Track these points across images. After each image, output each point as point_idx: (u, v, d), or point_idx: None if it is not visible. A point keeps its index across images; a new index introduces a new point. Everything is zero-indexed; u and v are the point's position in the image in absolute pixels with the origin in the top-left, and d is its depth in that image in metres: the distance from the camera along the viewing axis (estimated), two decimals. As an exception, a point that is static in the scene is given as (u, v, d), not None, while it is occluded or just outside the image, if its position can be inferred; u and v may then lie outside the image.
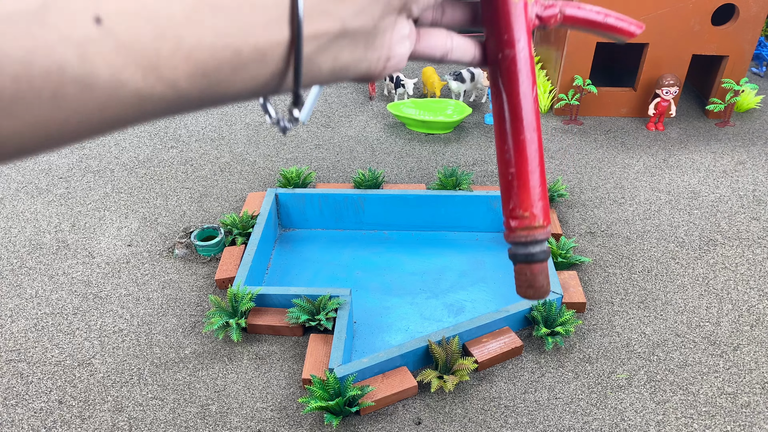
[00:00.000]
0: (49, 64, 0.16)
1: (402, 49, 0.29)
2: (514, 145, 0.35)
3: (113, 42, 0.17)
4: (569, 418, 0.97)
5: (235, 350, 1.09)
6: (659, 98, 1.79)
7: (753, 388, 1.01)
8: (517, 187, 0.35)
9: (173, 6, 0.18)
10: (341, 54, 0.25)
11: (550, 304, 1.10)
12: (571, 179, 1.59)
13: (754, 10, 1.69)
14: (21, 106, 0.16)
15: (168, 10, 0.18)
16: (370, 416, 0.97)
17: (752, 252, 1.32)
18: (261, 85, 0.23)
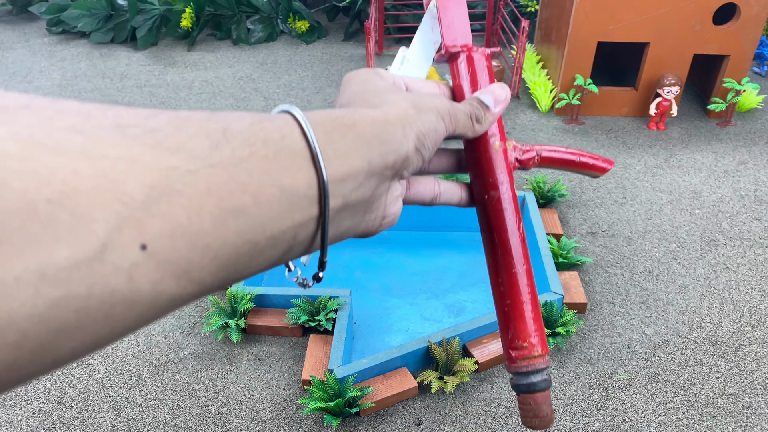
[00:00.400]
0: (104, 294, 0.18)
1: (395, 208, 0.32)
2: (507, 278, 0.37)
3: (154, 261, 0.19)
4: (570, 419, 0.96)
5: (234, 351, 1.09)
6: (660, 98, 1.78)
7: (754, 389, 1.01)
8: (514, 318, 0.37)
9: (205, 218, 0.21)
10: (343, 222, 0.28)
11: (551, 304, 1.09)
12: (572, 179, 1.58)
13: (756, 10, 1.68)
14: (80, 332, 0.18)
15: (200, 224, 0.21)
16: (370, 417, 0.97)
17: (754, 252, 1.32)
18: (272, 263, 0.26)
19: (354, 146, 0.27)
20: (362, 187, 0.28)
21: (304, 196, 0.25)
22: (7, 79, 2.23)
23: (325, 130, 0.26)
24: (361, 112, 0.29)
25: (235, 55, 2.44)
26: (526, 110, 1.96)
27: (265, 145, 0.24)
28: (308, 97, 2.06)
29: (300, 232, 0.26)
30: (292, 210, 0.25)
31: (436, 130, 0.32)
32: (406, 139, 0.29)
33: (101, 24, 2.56)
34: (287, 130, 0.25)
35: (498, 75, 1.83)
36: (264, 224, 0.23)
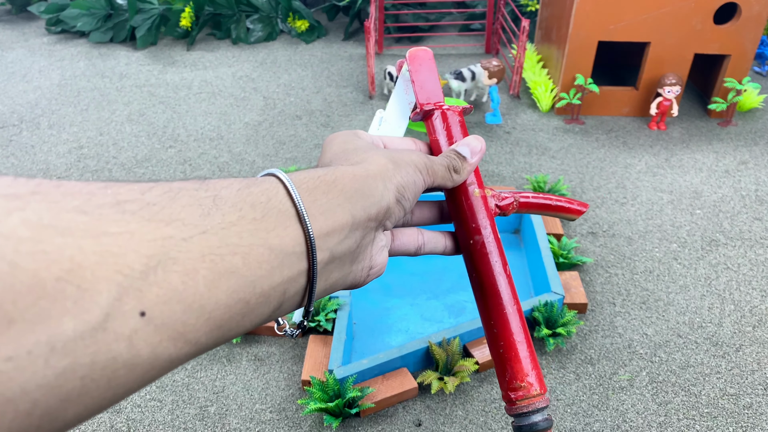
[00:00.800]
0: (107, 360, 0.19)
1: (381, 258, 0.34)
2: (498, 320, 0.38)
3: (153, 326, 0.21)
4: (570, 419, 0.96)
5: (233, 351, 1.08)
6: (661, 97, 1.78)
7: (755, 390, 1.01)
8: (510, 359, 0.37)
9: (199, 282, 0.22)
10: (331, 275, 0.30)
11: (551, 304, 1.09)
12: (572, 179, 1.58)
13: (756, 9, 1.68)
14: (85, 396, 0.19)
15: (195, 288, 0.22)
16: (370, 418, 0.96)
17: (754, 252, 1.32)
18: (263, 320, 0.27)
19: (337, 201, 0.29)
20: (348, 240, 0.30)
21: (292, 252, 0.26)
22: (6, 79, 2.23)
23: (308, 189, 0.28)
24: (341, 169, 0.31)
25: (235, 55, 2.43)
26: (527, 110, 1.95)
27: (253, 209, 0.26)
28: (308, 97, 2.06)
29: (290, 288, 0.27)
30: (282, 267, 0.26)
31: (414, 182, 0.34)
32: (387, 192, 0.31)
33: (100, 23, 2.55)
34: (273, 193, 0.27)
35: (498, 74, 1.82)
36: (254, 282, 0.25)
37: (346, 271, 0.31)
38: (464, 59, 2.39)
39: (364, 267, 0.33)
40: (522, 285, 1.26)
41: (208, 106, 1.99)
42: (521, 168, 1.62)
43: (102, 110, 1.98)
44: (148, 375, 0.21)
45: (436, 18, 2.68)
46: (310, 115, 1.94)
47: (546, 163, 1.65)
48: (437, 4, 2.67)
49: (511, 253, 1.34)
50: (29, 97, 2.08)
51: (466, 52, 2.47)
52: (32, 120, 1.92)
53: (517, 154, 1.69)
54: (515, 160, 1.67)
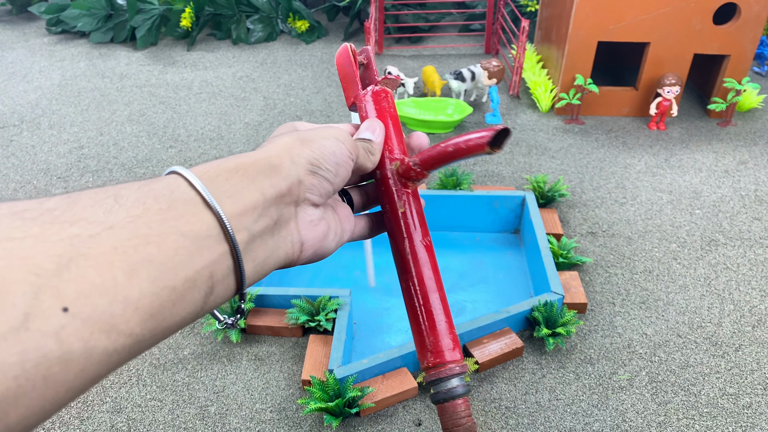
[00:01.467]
0: (38, 357, 0.20)
1: (314, 233, 0.35)
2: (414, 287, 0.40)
3: (79, 320, 0.21)
4: (570, 419, 0.96)
5: (234, 351, 1.09)
6: (661, 98, 1.78)
7: (755, 389, 1.01)
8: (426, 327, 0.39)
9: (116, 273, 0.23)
10: (258, 253, 0.31)
11: (551, 304, 1.09)
12: (572, 179, 1.58)
13: (756, 10, 1.68)
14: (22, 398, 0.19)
15: (113, 280, 0.23)
16: (370, 417, 0.97)
17: (754, 252, 1.32)
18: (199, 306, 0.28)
19: (242, 184, 0.30)
20: (264, 217, 0.31)
21: (207, 236, 0.27)
22: (6, 79, 2.23)
23: (210, 178, 0.29)
24: (240, 156, 0.32)
25: (235, 55, 2.43)
26: (527, 110, 1.96)
27: (157, 201, 0.26)
28: (308, 97, 2.06)
29: (216, 270, 0.28)
30: (200, 250, 0.27)
31: (334, 153, 0.35)
32: (295, 166, 0.33)
33: (101, 24, 2.55)
34: (174, 185, 0.28)
35: (498, 75, 1.82)
36: (175, 268, 0.26)
37: (272, 246, 0.32)
38: (464, 59, 2.39)
39: (293, 242, 0.33)
40: (522, 285, 1.26)
41: (209, 107, 2.00)
42: (521, 168, 1.63)
43: (102, 110, 1.98)
44: (87, 371, 0.22)
45: (436, 18, 2.68)
46: (311, 115, 1.94)
47: (546, 163, 1.65)
48: (437, 5, 2.67)
49: (511, 253, 1.34)
50: (30, 97, 2.08)
51: (465, 52, 2.48)
52: (33, 120, 1.93)
53: (516, 154, 1.70)
54: (515, 160, 1.67)
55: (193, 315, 0.27)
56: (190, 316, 0.27)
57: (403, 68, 2.29)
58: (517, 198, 1.36)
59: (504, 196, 1.36)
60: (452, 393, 0.36)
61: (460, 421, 0.36)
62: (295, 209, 0.33)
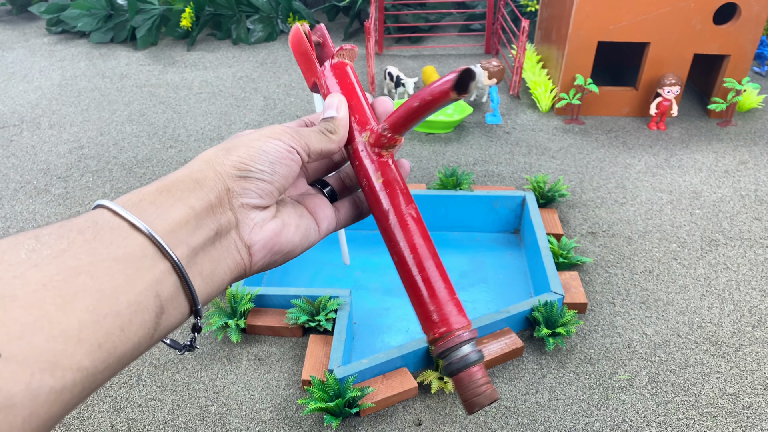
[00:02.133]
0: None
1: (263, 234, 0.33)
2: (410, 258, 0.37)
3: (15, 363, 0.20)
4: (570, 419, 0.96)
5: (234, 351, 1.09)
6: (661, 98, 1.78)
7: (755, 389, 1.01)
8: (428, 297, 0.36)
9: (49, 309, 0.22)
10: (204, 266, 0.30)
11: (551, 304, 1.09)
12: (572, 179, 1.58)
13: (756, 10, 1.68)
14: None
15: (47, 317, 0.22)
16: (370, 417, 0.97)
17: (754, 252, 1.32)
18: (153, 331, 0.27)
19: (167, 203, 0.30)
20: (200, 229, 0.30)
21: (142, 256, 0.27)
22: (7, 79, 2.23)
23: (133, 204, 0.29)
24: (162, 179, 0.32)
25: (235, 55, 2.43)
26: (527, 110, 1.96)
27: (81, 233, 0.26)
28: (308, 97, 2.06)
29: (162, 289, 0.27)
30: (139, 272, 0.26)
31: (265, 151, 0.34)
32: (220, 176, 0.32)
33: (101, 24, 2.55)
34: (98, 217, 0.27)
35: (498, 75, 1.82)
36: (114, 294, 0.25)
37: (216, 257, 0.31)
38: (464, 59, 2.39)
39: (238, 248, 0.32)
40: (522, 285, 1.26)
41: (209, 106, 2.00)
42: (521, 168, 1.63)
43: (102, 110, 1.98)
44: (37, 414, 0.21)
45: (436, 18, 2.68)
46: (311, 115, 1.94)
47: (546, 163, 1.65)
48: (437, 5, 2.67)
49: (511, 253, 1.34)
50: (30, 97, 2.08)
51: (465, 52, 2.48)
52: (33, 120, 1.93)
53: (516, 154, 1.70)
54: (515, 160, 1.67)
55: (147, 339, 0.26)
56: (144, 340, 0.26)
57: (403, 68, 2.29)
58: (517, 198, 1.36)
59: (504, 196, 1.36)
60: (466, 361, 0.33)
61: (479, 390, 0.33)
62: (234, 217, 0.32)
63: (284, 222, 0.35)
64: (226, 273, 0.32)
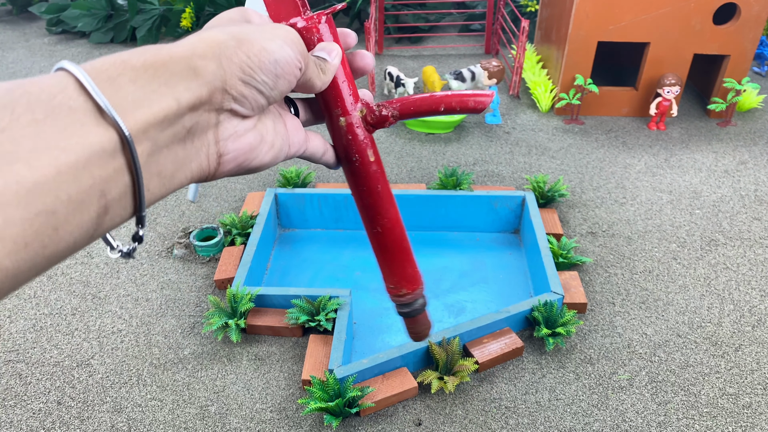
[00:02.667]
0: None
1: (239, 144, 0.30)
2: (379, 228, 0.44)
3: None
4: (570, 419, 0.96)
5: (234, 351, 1.09)
6: (661, 98, 1.78)
7: (755, 389, 1.01)
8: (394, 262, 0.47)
9: None
10: (163, 167, 0.26)
11: (550, 304, 1.09)
12: (572, 179, 1.58)
13: (756, 10, 1.68)
14: None
15: None
16: (371, 417, 0.97)
17: (754, 252, 1.32)
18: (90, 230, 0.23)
19: (151, 87, 0.25)
20: (174, 126, 0.26)
21: (100, 150, 0.23)
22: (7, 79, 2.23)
23: (109, 78, 0.24)
24: (153, 50, 0.26)
25: (235, 55, 2.43)
26: (527, 110, 1.96)
27: (29, 110, 0.21)
28: (308, 97, 2.06)
29: (109, 188, 0.23)
30: (89, 167, 0.22)
31: (276, 61, 0.30)
32: (221, 70, 0.27)
33: (101, 24, 2.55)
34: (58, 89, 0.23)
35: (498, 75, 1.83)
36: (54, 190, 0.21)
37: (182, 158, 0.27)
38: (464, 60, 2.39)
39: (208, 154, 0.29)
40: (522, 284, 1.26)
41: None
42: (521, 168, 1.63)
43: (102, 111, 1.98)
44: None
45: (436, 18, 2.68)
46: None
47: (546, 163, 1.65)
48: (437, 5, 2.67)
49: (511, 253, 1.35)
50: (30, 97, 2.08)
51: (465, 52, 2.48)
52: (33, 120, 1.93)
53: (516, 154, 1.70)
54: (515, 160, 1.67)
55: (84, 240, 0.23)
56: (81, 241, 0.23)
57: (403, 68, 2.29)
58: (517, 198, 1.36)
59: (504, 196, 1.36)
60: (424, 307, 0.47)
61: (426, 324, 0.47)
62: (216, 117, 0.28)
63: (262, 137, 0.32)
64: (187, 177, 0.28)
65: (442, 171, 1.45)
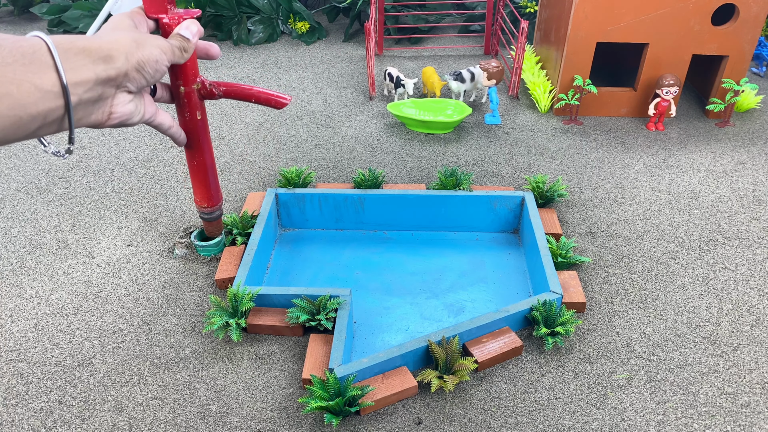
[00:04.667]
0: None
1: (123, 109, 0.50)
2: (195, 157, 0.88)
3: None
4: (569, 418, 0.97)
5: (235, 350, 1.09)
6: (659, 98, 1.79)
7: (753, 388, 1.01)
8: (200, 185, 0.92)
9: None
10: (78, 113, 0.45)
11: (550, 304, 1.10)
12: (571, 179, 1.59)
13: (755, 10, 1.69)
14: None
15: None
16: (370, 416, 0.97)
17: (752, 252, 1.32)
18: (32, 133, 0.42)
19: (83, 62, 0.43)
20: (92, 91, 0.45)
21: (50, 91, 0.40)
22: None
23: (64, 50, 0.41)
24: (90, 39, 0.45)
25: (236, 56, 2.44)
26: (526, 110, 1.96)
27: (23, 57, 0.39)
28: (308, 98, 2.07)
29: (50, 115, 0.41)
30: (44, 99, 0.40)
31: (157, 60, 0.51)
32: (126, 63, 0.47)
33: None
34: (38, 47, 0.40)
35: (497, 76, 1.83)
36: (25, 106, 0.39)
37: (89, 111, 0.46)
38: (463, 60, 2.40)
39: (104, 113, 0.48)
40: (521, 284, 1.26)
41: (209, 107, 2.00)
42: (520, 168, 1.63)
43: (103, 111, 1.99)
44: None
45: (435, 19, 2.69)
46: (311, 115, 1.95)
47: (545, 163, 1.66)
48: (437, 6, 2.68)
49: (510, 253, 1.35)
50: (30, 98, 2.09)
51: (465, 53, 2.48)
52: (34, 121, 1.93)
53: (516, 155, 1.70)
54: (514, 160, 1.67)
55: (26, 137, 0.41)
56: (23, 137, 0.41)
57: (403, 69, 2.30)
58: (517, 198, 1.37)
59: (503, 196, 1.36)
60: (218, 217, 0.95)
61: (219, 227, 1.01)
62: (114, 91, 0.48)
63: (136, 106, 0.53)
64: (89, 123, 0.47)
65: (442, 171, 1.46)
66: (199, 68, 2.42)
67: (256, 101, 0.78)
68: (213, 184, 0.91)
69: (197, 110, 0.79)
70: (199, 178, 0.90)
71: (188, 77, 0.77)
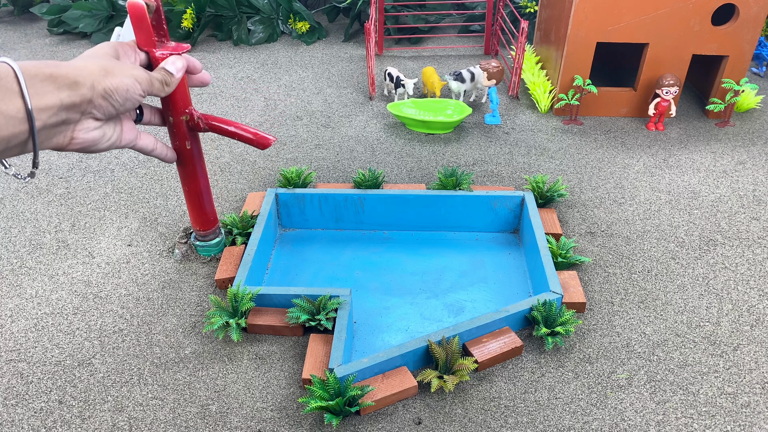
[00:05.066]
0: None
1: (86, 135, 0.51)
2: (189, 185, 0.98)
3: None
4: (569, 418, 0.97)
5: (235, 350, 1.09)
6: (659, 98, 1.79)
7: (753, 388, 1.01)
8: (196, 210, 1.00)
9: None
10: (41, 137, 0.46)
11: (550, 304, 1.10)
12: (571, 179, 1.59)
13: (755, 10, 1.69)
14: None
15: None
16: (370, 416, 0.97)
17: (752, 252, 1.32)
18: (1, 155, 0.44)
19: (49, 89, 0.44)
20: (56, 116, 0.46)
21: (14, 117, 0.42)
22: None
23: (30, 75, 0.43)
24: (57, 66, 0.46)
25: (236, 56, 2.44)
26: (526, 111, 1.96)
27: None
28: (308, 98, 2.07)
29: (13, 140, 0.43)
30: (8, 125, 0.42)
31: (127, 89, 0.52)
32: (92, 90, 0.48)
33: (102, 25, 2.56)
34: (4, 74, 0.42)
35: (497, 76, 1.83)
36: None
37: (51, 134, 0.48)
38: (463, 60, 2.40)
39: (66, 136, 0.50)
40: (521, 284, 1.26)
41: (209, 107, 2.00)
42: (520, 168, 1.63)
43: (103, 111, 1.99)
44: None
45: (435, 19, 2.69)
46: (311, 115, 1.95)
47: (545, 163, 1.66)
48: (437, 6, 2.68)
49: (510, 253, 1.35)
50: (31, 98, 2.09)
51: (465, 53, 2.48)
52: (34, 121, 1.93)
53: (516, 155, 1.70)
54: (514, 160, 1.68)
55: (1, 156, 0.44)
56: None
57: (402, 69, 2.30)
58: (516, 198, 1.37)
59: (503, 196, 1.36)
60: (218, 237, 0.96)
61: None
62: (79, 117, 0.49)
63: (104, 133, 0.54)
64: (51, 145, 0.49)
65: (442, 171, 1.46)
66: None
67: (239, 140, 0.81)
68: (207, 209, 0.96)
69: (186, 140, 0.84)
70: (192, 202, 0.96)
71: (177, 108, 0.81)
